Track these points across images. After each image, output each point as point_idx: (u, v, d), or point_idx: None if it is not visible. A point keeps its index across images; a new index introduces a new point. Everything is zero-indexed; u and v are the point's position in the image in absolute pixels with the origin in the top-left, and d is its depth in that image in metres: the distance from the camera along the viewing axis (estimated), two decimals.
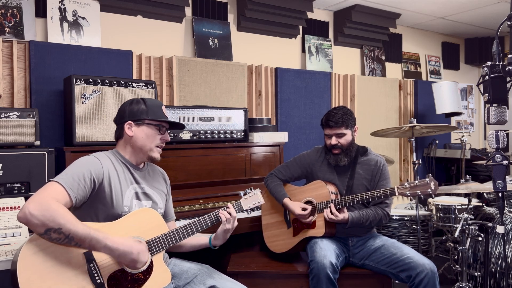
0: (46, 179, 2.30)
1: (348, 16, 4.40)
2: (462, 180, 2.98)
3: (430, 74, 5.50)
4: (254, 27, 3.93)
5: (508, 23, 1.63)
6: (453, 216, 3.42)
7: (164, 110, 1.93)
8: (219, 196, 2.82)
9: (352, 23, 4.47)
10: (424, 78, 5.41)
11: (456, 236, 2.83)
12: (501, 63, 1.62)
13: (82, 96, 2.46)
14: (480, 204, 3.45)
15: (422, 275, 2.15)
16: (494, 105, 1.64)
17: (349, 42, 4.64)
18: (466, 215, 2.80)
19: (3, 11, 2.79)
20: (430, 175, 2.21)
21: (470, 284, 2.80)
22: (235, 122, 3.04)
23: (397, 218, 3.36)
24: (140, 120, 1.86)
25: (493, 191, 1.84)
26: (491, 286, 2.81)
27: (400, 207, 4.36)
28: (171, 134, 2.75)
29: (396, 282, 2.47)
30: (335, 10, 4.52)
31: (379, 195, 2.29)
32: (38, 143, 2.38)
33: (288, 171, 2.66)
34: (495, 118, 1.64)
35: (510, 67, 1.59)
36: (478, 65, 5.93)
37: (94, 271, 1.61)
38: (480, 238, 2.82)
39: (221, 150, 2.94)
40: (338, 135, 2.47)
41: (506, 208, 3.09)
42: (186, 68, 3.37)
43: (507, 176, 1.76)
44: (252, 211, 2.08)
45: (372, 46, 4.84)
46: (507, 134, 2.00)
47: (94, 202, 1.75)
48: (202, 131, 2.90)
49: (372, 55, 4.83)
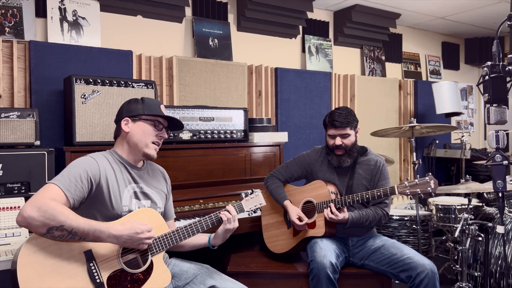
0: (46, 179, 2.30)
1: (348, 16, 4.40)
2: (462, 180, 2.98)
3: (430, 74, 5.50)
4: (254, 27, 3.93)
5: (508, 23, 1.63)
6: (453, 216, 3.42)
7: (163, 108, 1.93)
8: (219, 196, 2.83)
9: (352, 23, 4.47)
10: (424, 78, 5.41)
11: (456, 236, 2.83)
12: (501, 63, 1.62)
13: (82, 96, 2.46)
14: (480, 204, 3.45)
15: (422, 275, 2.15)
16: (494, 105, 1.64)
17: (349, 42, 4.64)
18: (466, 215, 2.80)
19: (3, 11, 2.79)
20: (430, 173, 2.20)
21: (470, 284, 2.80)
22: (235, 122, 3.04)
23: (397, 218, 3.36)
24: (136, 116, 1.87)
25: (493, 191, 1.84)
26: (491, 286, 2.81)
27: (400, 207, 4.36)
28: (171, 134, 2.75)
29: (396, 282, 2.47)
30: (335, 10, 4.52)
31: (379, 194, 2.29)
32: (38, 143, 2.38)
33: (288, 172, 2.66)
34: (495, 118, 1.64)
35: (510, 67, 1.59)
36: (478, 65, 5.93)
37: (94, 271, 1.61)
38: (480, 238, 2.82)
39: (221, 150, 2.94)
40: (342, 136, 2.47)
41: (506, 208, 3.09)
42: (186, 68, 3.37)
43: (507, 176, 1.76)
44: (254, 212, 2.09)
45: (372, 46, 4.84)
46: (507, 134, 1.99)
47: (92, 203, 1.75)
48: (202, 131, 2.90)
49: (372, 55, 4.83)
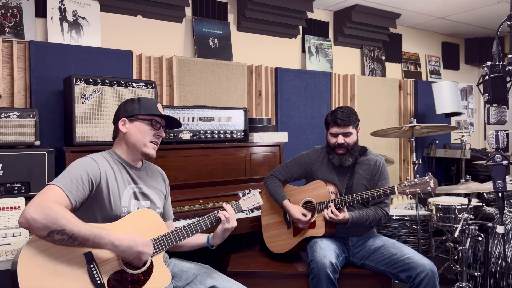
0: (46, 179, 2.30)
1: (348, 16, 4.40)
2: (462, 180, 2.99)
3: (430, 74, 5.49)
4: (254, 27, 3.93)
5: (508, 23, 1.63)
6: (453, 216, 3.42)
7: (160, 107, 1.92)
8: (219, 196, 2.82)
9: (352, 23, 4.47)
10: (424, 78, 5.41)
11: (456, 236, 2.83)
12: (501, 63, 1.62)
13: (82, 96, 2.46)
14: (480, 204, 3.45)
15: (422, 275, 2.15)
16: (494, 105, 1.64)
17: (349, 42, 4.64)
18: (466, 215, 2.80)
19: (3, 11, 2.79)
20: (430, 173, 2.20)
21: (470, 284, 2.80)
22: (235, 122, 3.04)
23: (397, 218, 3.36)
24: (133, 116, 1.87)
25: (493, 191, 1.84)
26: (491, 286, 2.81)
27: (400, 207, 4.36)
28: (171, 134, 2.75)
29: (396, 282, 2.47)
30: (335, 10, 4.51)
31: (379, 193, 2.29)
32: (38, 143, 2.38)
33: (287, 172, 2.66)
34: (495, 118, 1.64)
35: (510, 67, 1.59)
36: (478, 65, 5.93)
37: (95, 272, 1.61)
38: (480, 238, 2.82)
39: (221, 150, 2.94)
40: (345, 134, 2.46)
41: (506, 208, 3.09)
42: (186, 68, 3.37)
43: (507, 176, 1.76)
44: (251, 211, 2.09)
45: (372, 46, 4.83)
46: (507, 134, 1.99)
47: (92, 204, 1.75)
48: (202, 131, 2.90)
49: (372, 55, 4.83)
